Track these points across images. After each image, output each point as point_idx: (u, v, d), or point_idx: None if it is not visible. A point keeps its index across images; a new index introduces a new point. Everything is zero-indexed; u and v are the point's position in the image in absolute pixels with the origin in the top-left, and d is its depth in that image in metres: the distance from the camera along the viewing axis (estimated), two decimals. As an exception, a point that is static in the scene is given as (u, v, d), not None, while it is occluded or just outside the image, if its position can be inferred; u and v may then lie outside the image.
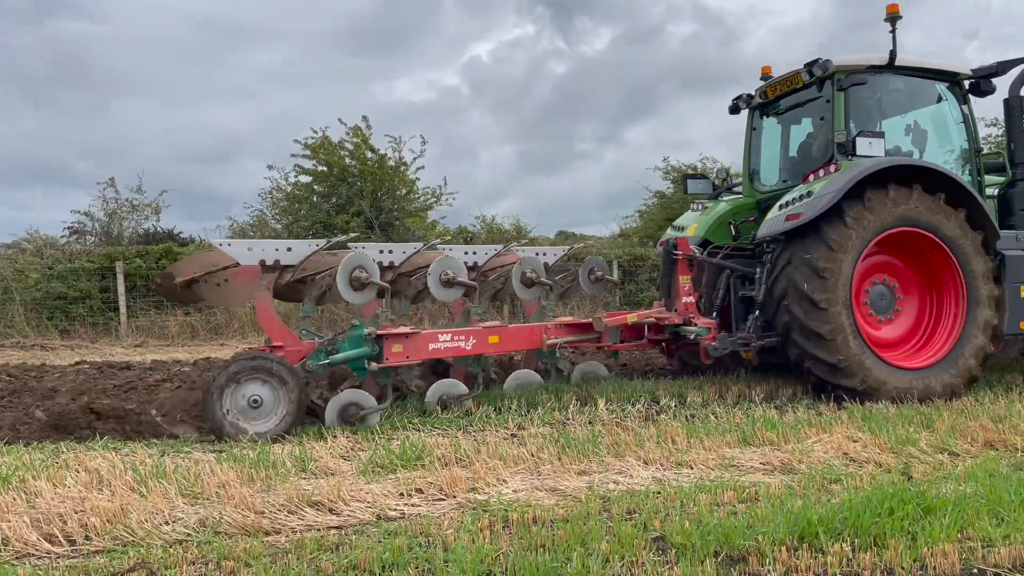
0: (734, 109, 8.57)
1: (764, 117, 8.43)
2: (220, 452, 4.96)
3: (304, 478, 4.28)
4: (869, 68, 7.21)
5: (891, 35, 7.19)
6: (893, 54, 7.18)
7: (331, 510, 3.71)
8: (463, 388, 6.28)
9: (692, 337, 6.92)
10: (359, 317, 5.99)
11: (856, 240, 6.49)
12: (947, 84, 7.57)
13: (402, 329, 5.89)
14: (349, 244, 6.61)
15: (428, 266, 6.44)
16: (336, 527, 3.54)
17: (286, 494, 3.84)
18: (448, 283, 6.39)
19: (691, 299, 7.21)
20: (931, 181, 6.80)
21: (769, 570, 2.90)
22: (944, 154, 7.62)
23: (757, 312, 7.00)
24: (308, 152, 20.11)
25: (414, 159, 20.48)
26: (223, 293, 6.24)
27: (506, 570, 2.89)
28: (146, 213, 21.58)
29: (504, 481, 4.20)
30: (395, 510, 3.76)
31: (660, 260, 7.87)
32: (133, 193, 21.34)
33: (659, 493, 3.95)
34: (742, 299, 7.50)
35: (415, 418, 5.92)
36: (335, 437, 5.27)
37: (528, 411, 6.13)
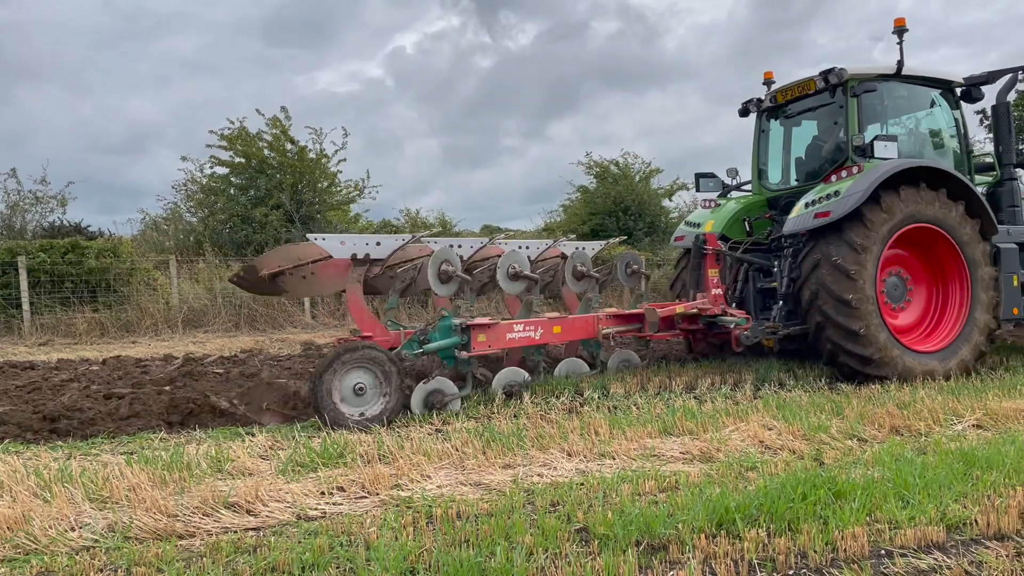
0: (744, 112, 9.08)
1: (772, 120, 8.92)
2: (131, 454, 4.77)
3: (220, 479, 4.15)
4: (879, 76, 7.85)
5: (899, 46, 7.81)
6: (901, 64, 7.80)
7: (249, 511, 3.61)
8: (524, 375, 6.53)
9: (732, 327, 7.29)
10: (446, 309, 6.32)
11: (877, 240, 7.02)
12: (941, 91, 8.26)
13: (486, 320, 6.28)
14: (426, 239, 6.92)
15: (488, 260, 6.89)
16: (254, 528, 3.44)
17: (201, 496, 3.71)
18: (515, 277, 6.71)
19: (720, 291, 7.70)
20: (934, 178, 7.37)
21: (689, 557, 2.96)
22: (939, 155, 8.26)
23: (780, 303, 7.52)
24: (224, 143, 19.55)
25: (336, 151, 20.17)
26: (308, 285, 6.56)
27: (430, 567, 2.87)
28: (51, 206, 20.64)
29: (428, 477, 4.17)
30: (316, 509, 3.68)
31: (679, 254, 8.53)
32: (37, 184, 20.37)
33: (582, 485, 3.98)
34: (760, 291, 8.08)
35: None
36: (253, 436, 5.14)
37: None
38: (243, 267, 7.08)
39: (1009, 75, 8.22)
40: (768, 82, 8.96)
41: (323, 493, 3.92)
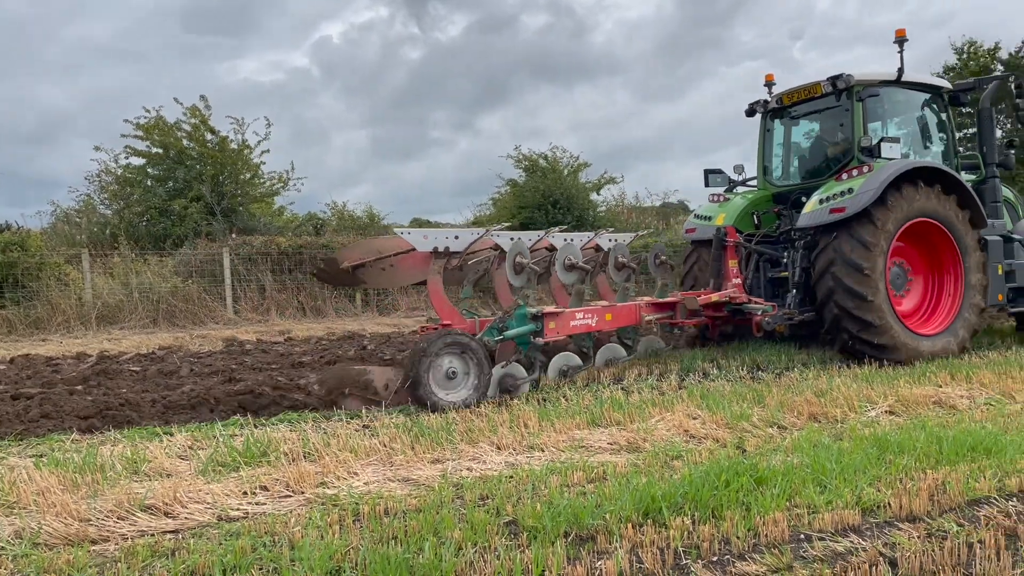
0: (751, 112, 9.64)
1: (775, 120, 9.48)
2: (40, 457, 4.55)
3: (136, 481, 4.00)
4: (881, 82, 8.46)
5: (899, 55, 8.49)
6: (901, 71, 8.49)
7: (167, 513, 3.48)
8: (577, 360, 7.06)
9: (759, 313, 7.79)
10: (522, 299, 6.67)
11: (885, 236, 7.54)
12: (931, 95, 8.92)
13: (555, 309, 6.80)
14: (496, 232, 7.07)
15: (540, 252, 7.28)
16: (172, 531, 3.32)
17: (115, 499, 3.56)
18: (571, 267, 7.09)
19: (739, 280, 8.25)
20: (932, 175, 7.92)
21: (616, 547, 2.98)
22: (929, 153, 8.85)
23: (794, 291, 8.06)
24: (141, 133, 18.83)
25: (258, 142, 19.66)
26: (387, 276, 6.92)
27: (356, 565, 2.82)
28: (-48, 197, 19.49)
29: (355, 474, 4.10)
30: (238, 510, 3.58)
31: (691, 246, 9.28)
32: (-64, 175, 19.22)
33: (512, 478, 3.98)
34: (771, 280, 8.68)
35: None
36: (171, 436, 4.97)
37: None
38: (324, 260, 7.46)
39: (993, 83, 9.05)
40: (769, 84, 9.57)
41: (246, 493, 3.81)
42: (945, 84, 9.09)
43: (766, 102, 9.48)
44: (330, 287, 13.83)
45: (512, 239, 6.82)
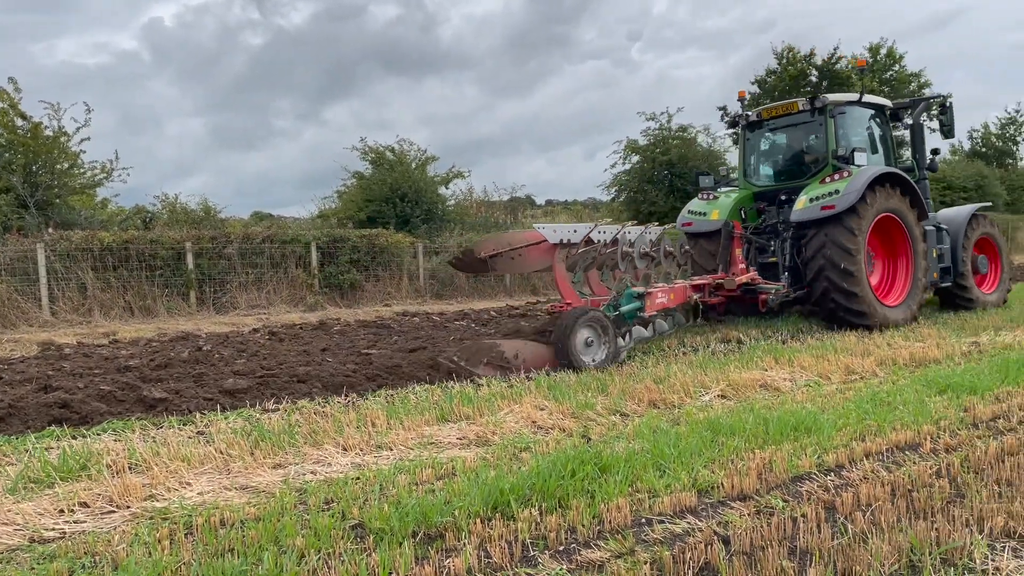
0: (732, 124, 11.39)
1: (755, 131, 11.21)
2: None
3: (-71, 506, 3.55)
4: (848, 102, 10.44)
5: (859, 81, 10.80)
6: (863, 93, 10.70)
7: (-34, 540, 3.11)
8: (646, 332, 8.21)
9: (772, 292, 9.49)
10: (632, 281, 7.98)
11: (864, 226, 9.27)
12: (876, 112, 10.89)
13: (651, 288, 7.95)
14: (601, 227, 8.12)
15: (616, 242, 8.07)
16: (-28, 560, 2.97)
17: (-98, 528, 3.15)
18: (644, 256, 8.34)
19: (744, 265, 9.85)
20: (893, 178, 9.75)
21: (465, 543, 2.96)
22: (878, 160, 10.64)
23: (786, 273, 9.87)
24: (-64, 116, 16.88)
25: (77, 129, 18.11)
26: (516, 264, 7.81)
27: (188, 583, 2.63)
28: None
29: (188, 484, 3.85)
30: (53, 530, 3.26)
31: (685, 236, 10.60)
32: None
33: (358, 479, 3.87)
34: (760, 265, 10.26)
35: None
36: (-26, 452, 4.46)
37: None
38: (462, 251, 8.44)
39: (922, 103, 11.33)
40: (741, 100, 11.48)
41: (62, 511, 3.48)
42: (888, 103, 11.11)
43: (747, 116, 11.14)
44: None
45: (605, 231, 8.14)
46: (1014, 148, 44.78)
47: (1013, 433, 4.36)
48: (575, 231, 7.77)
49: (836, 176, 9.47)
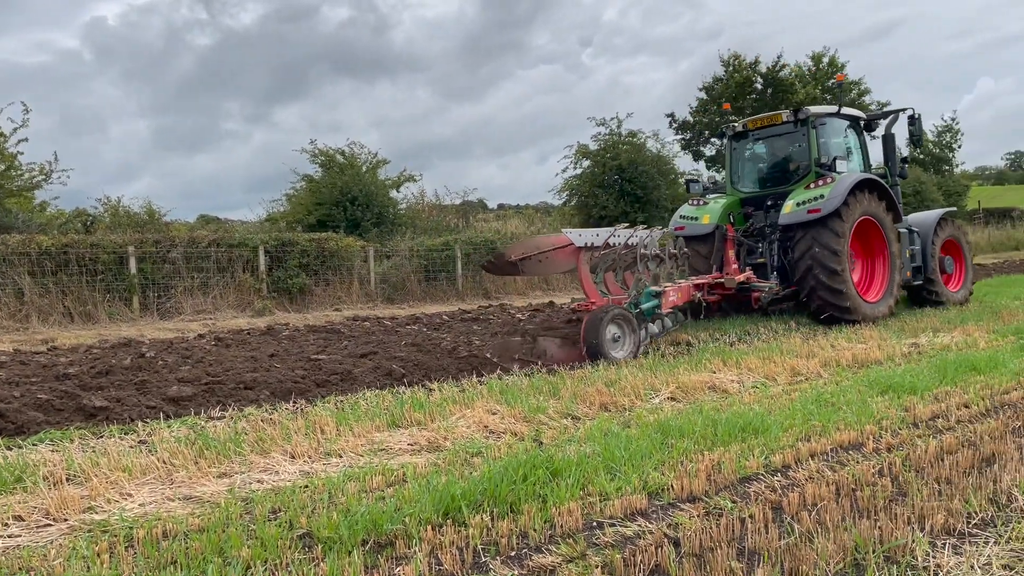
0: (720, 135, 12.05)
1: (740, 141, 11.89)
2: None
3: None
4: (827, 114, 11.20)
5: (838, 95, 11.67)
6: (840, 107, 11.34)
7: None
8: (656, 328, 8.68)
9: (766, 290, 10.13)
10: (647, 280, 8.69)
11: (847, 228, 9.95)
12: (851, 123, 11.69)
13: (666, 286, 8.81)
14: (620, 231, 8.55)
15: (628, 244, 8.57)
16: None
17: None
18: (654, 257, 8.96)
19: (736, 265, 10.53)
20: (871, 184, 10.48)
21: (415, 551, 2.92)
22: (855, 167, 11.38)
23: (775, 273, 10.56)
24: None
25: (15, 130, 17.54)
26: (542, 266, 8.22)
27: (128, 598, 2.54)
28: None
29: (129, 495, 3.73)
30: (-16, 546, 3.13)
31: (678, 240, 10.55)
32: None
33: (306, 487, 3.80)
34: (748, 265, 10.82)
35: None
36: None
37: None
38: (494, 254, 9.20)
39: (894, 114, 12.06)
40: (726, 112, 13.91)
41: (-6, 526, 3.34)
42: (862, 115, 11.99)
43: (733, 127, 11.93)
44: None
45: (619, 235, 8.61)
46: (950, 155, 46.40)
47: (951, 432, 4.49)
48: (597, 235, 8.35)
49: (820, 182, 10.22)
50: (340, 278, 16.43)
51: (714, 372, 6.70)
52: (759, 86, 33.30)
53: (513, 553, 2.94)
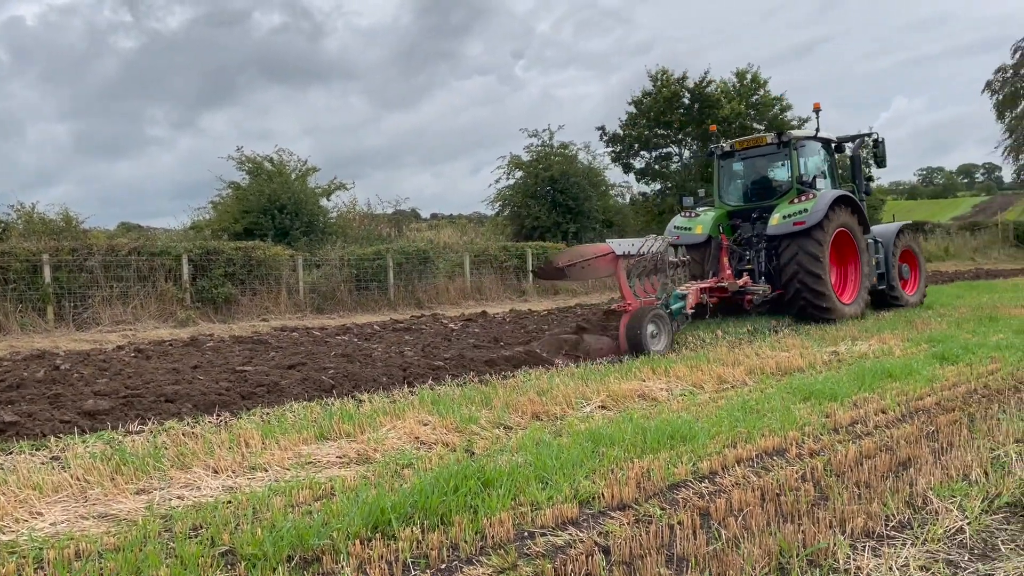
0: (710, 154, 13.50)
1: (726, 160, 13.24)
2: None
3: None
4: (806, 137, 12.56)
5: (816, 119, 12.76)
6: (817, 131, 12.71)
7: None
8: (676, 326, 9.65)
9: (760, 293, 11.41)
10: (671, 284, 9.96)
11: (827, 238, 11.25)
12: (824, 145, 13.02)
13: (688, 288, 10.18)
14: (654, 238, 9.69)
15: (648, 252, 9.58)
16: None
17: None
18: (673, 264, 10.18)
19: (730, 271, 11.69)
20: (845, 200, 11.78)
21: (343, 566, 2.86)
22: (827, 184, 12.71)
23: (762, 278, 11.80)
24: None
25: (-80, 131, 16.60)
26: (585, 272, 9.22)
27: (35, 624, 2.41)
28: None
29: (39, 514, 3.55)
30: None
31: (680, 247, 11.59)
32: None
33: (229, 503, 3.68)
34: (737, 271, 11.95)
35: None
36: None
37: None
38: (544, 261, 10.39)
39: (860, 138, 13.48)
40: (713, 134, 14.27)
41: None
42: (833, 138, 13.27)
43: (721, 147, 13.25)
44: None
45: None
46: (867, 170, 48.29)
47: (870, 437, 4.64)
48: (633, 244, 9.40)
49: (802, 198, 11.52)
50: (268, 288, 16.06)
51: (644, 380, 6.78)
52: (687, 101, 34.06)
53: (444, 566, 2.90)
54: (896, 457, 4.10)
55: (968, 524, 3.15)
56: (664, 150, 35.89)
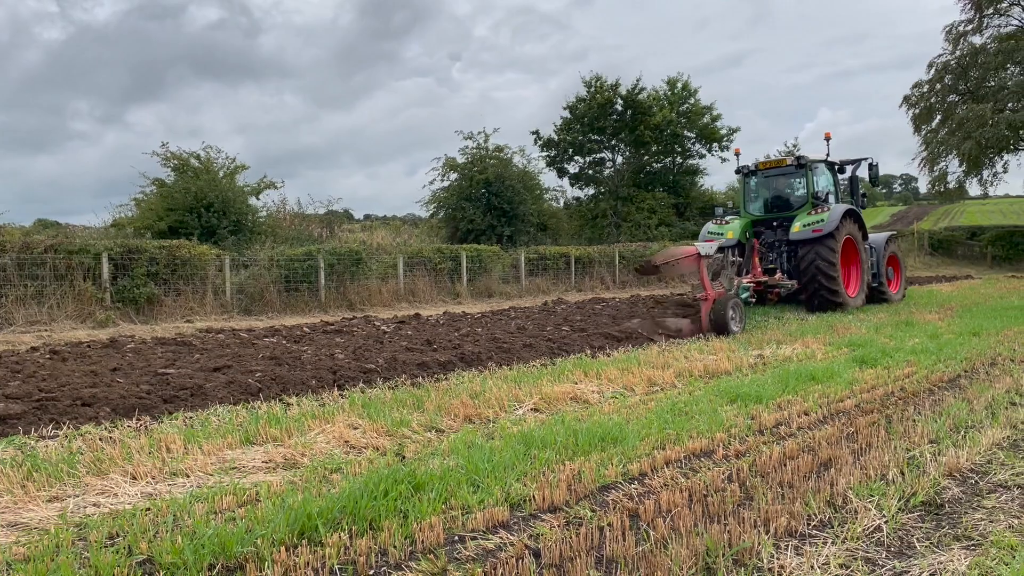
0: (738, 171, 16.20)
1: (752, 178, 16.13)
2: None
3: None
4: (818, 160, 15.40)
5: (826, 144, 15.79)
6: (828, 155, 15.66)
7: None
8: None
9: (788, 287, 14.23)
10: (734, 279, 12.55)
11: (839, 244, 13.96)
12: (829, 166, 15.74)
13: (747, 280, 13.30)
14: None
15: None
16: None
17: None
18: (731, 263, 12.73)
19: (760, 269, 14.20)
20: (851, 213, 14.62)
21: (267, 574, 2.78)
22: (833, 199, 15.39)
23: (784, 275, 14.47)
24: None
25: None
26: (674, 269, 11.45)
27: (-68, 642, 2.27)
28: None
29: (-60, 525, 3.35)
30: None
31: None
32: None
33: (148, 510, 3.55)
34: (764, 270, 14.49)
35: None
36: None
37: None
38: (644, 259, 12.63)
39: (857, 162, 15.96)
40: (737, 155, 16.82)
41: None
42: (837, 161, 15.94)
43: (747, 167, 16.07)
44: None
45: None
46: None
47: (793, 438, 4.77)
48: (712, 246, 11.60)
49: (818, 210, 14.25)
50: (193, 288, 15.59)
51: (576, 383, 6.82)
52: (619, 107, 34.56)
53: (372, 572, 2.85)
54: (818, 458, 4.22)
55: (886, 523, 3.26)
56: (598, 155, 36.37)
